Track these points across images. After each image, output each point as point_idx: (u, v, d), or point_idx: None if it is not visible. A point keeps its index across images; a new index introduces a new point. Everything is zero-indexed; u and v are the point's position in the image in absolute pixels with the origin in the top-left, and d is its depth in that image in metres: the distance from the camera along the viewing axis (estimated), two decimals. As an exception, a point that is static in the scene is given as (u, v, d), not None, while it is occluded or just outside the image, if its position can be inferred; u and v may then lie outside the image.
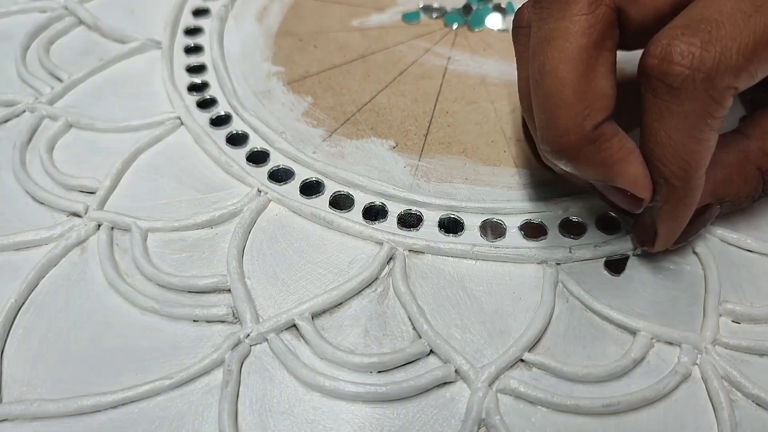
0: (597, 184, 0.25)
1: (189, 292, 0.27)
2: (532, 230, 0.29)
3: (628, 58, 0.26)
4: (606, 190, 0.25)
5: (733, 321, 0.26)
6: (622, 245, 0.28)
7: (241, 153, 0.32)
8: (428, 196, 0.30)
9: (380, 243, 0.28)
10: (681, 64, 0.21)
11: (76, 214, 0.30)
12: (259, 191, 0.30)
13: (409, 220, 0.30)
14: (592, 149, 0.22)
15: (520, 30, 0.27)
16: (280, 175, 0.31)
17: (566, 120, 0.22)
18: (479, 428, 0.23)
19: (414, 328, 0.26)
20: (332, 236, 0.29)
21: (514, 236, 0.29)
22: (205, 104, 0.35)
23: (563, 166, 0.24)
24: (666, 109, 0.22)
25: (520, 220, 0.29)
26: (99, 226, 0.29)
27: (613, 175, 0.23)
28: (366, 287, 0.27)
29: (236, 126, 0.34)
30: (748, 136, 0.26)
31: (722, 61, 0.20)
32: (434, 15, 0.41)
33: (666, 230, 0.25)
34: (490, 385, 0.24)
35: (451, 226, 0.29)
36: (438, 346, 0.25)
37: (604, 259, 0.28)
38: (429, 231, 0.29)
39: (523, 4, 0.27)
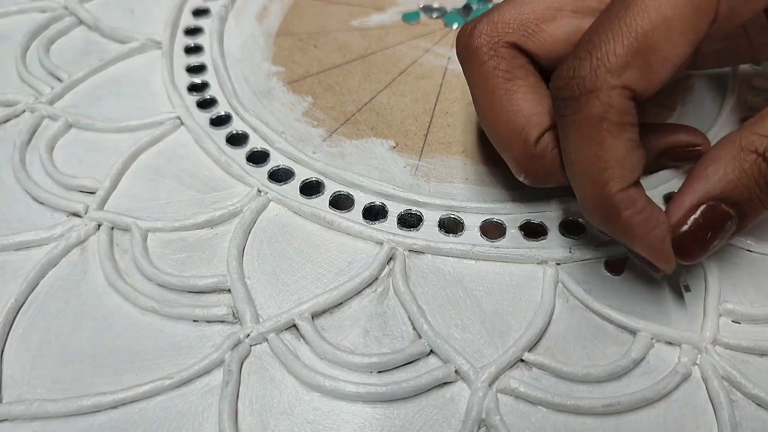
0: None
1: (189, 292, 0.27)
2: (532, 230, 0.29)
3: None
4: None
5: (733, 321, 0.26)
6: (622, 245, 0.28)
7: (241, 153, 0.32)
8: (428, 196, 0.30)
9: (380, 243, 0.28)
10: (565, 77, 0.22)
11: (76, 214, 0.30)
12: (259, 191, 0.30)
13: (409, 220, 0.30)
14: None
15: (472, 50, 0.27)
16: (280, 175, 0.31)
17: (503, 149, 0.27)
18: (479, 428, 0.23)
19: (414, 328, 0.26)
20: (332, 236, 0.29)
21: (514, 236, 0.29)
22: (205, 104, 0.35)
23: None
24: (569, 124, 0.23)
25: (520, 220, 0.29)
26: (99, 226, 0.29)
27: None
28: (366, 287, 0.27)
29: (236, 126, 0.34)
30: (741, 127, 0.24)
31: (599, 65, 0.22)
32: (434, 15, 0.41)
33: (645, 251, 0.23)
34: (490, 385, 0.24)
35: (451, 226, 0.29)
36: (438, 346, 0.25)
37: (604, 259, 0.28)
38: (429, 231, 0.29)
39: (467, 26, 0.27)
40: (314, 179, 0.31)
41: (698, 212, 0.23)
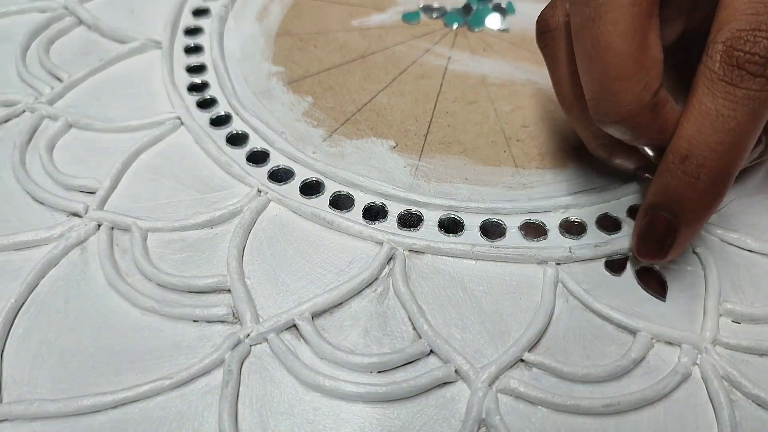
0: (649, 146, 0.25)
1: (189, 292, 0.27)
2: (532, 230, 0.29)
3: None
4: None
5: (733, 321, 0.26)
6: (622, 245, 0.28)
7: (241, 153, 0.32)
8: (428, 196, 0.30)
9: (380, 243, 0.28)
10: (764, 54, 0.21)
11: (76, 214, 0.30)
12: (259, 191, 0.30)
13: (409, 220, 0.30)
14: (651, 116, 0.23)
15: (548, 34, 0.27)
16: (280, 175, 0.31)
17: (627, 91, 0.23)
18: (479, 428, 0.23)
19: (414, 328, 0.26)
20: (332, 236, 0.29)
21: (514, 236, 0.29)
22: (205, 104, 0.35)
23: (621, 135, 0.24)
24: (743, 95, 0.22)
25: (520, 220, 0.29)
26: (99, 226, 0.29)
27: (669, 137, 0.24)
28: (366, 287, 0.27)
29: (236, 126, 0.34)
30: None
31: None
32: (434, 15, 0.41)
33: (690, 233, 0.25)
34: (490, 385, 0.24)
35: (451, 226, 0.29)
36: (438, 346, 0.25)
37: (604, 259, 0.28)
38: (429, 231, 0.29)
39: (545, 10, 0.28)
40: (314, 179, 0.31)
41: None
